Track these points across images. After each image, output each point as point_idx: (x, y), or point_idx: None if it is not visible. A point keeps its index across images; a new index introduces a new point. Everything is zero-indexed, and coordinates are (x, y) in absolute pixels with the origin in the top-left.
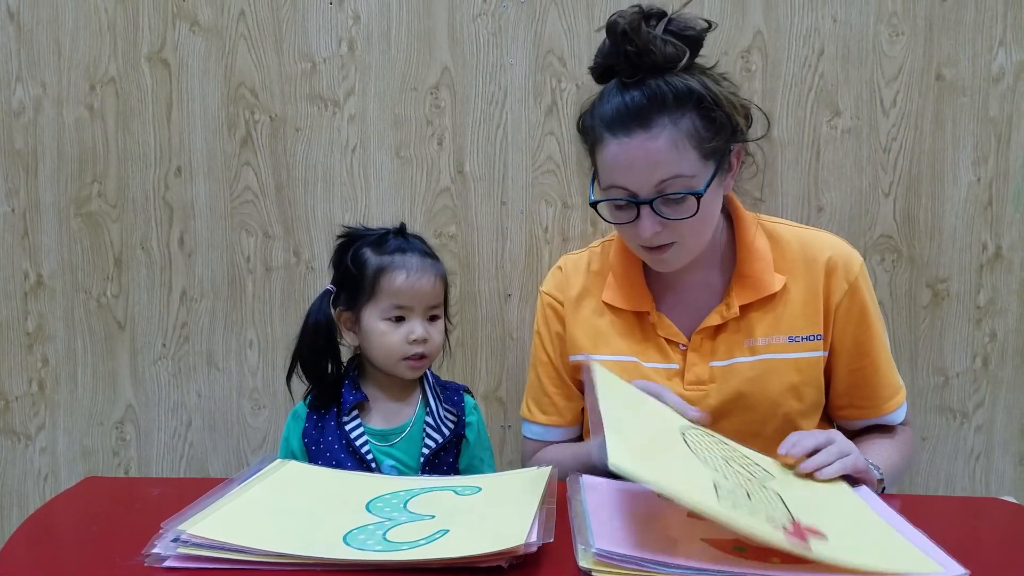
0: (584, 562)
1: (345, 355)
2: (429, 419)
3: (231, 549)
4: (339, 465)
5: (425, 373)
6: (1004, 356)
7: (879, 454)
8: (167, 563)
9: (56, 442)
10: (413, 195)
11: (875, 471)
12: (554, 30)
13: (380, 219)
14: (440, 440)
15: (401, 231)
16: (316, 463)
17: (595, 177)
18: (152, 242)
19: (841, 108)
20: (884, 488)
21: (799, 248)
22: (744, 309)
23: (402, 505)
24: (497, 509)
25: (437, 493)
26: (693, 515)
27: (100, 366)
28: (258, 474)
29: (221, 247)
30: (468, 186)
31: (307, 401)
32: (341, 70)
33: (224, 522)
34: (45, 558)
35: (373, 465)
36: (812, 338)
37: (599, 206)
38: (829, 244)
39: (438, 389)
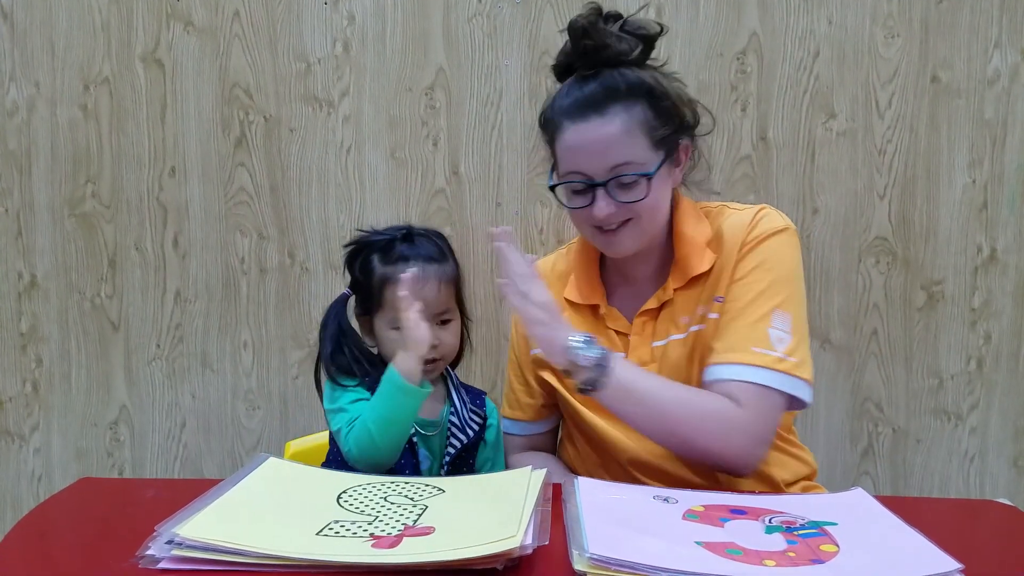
0: (579, 565)
1: None
2: (454, 419)
3: (226, 551)
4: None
5: (449, 373)
6: (998, 358)
7: (636, 370)
8: (161, 564)
9: (50, 443)
10: (408, 196)
11: (582, 350)
12: (549, 31)
13: (375, 220)
14: (465, 441)
15: (408, 235)
16: None
17: (554, 167)
18: (146, 243)
19: (836, 110)
20: (595, 382)
21: (735, 219)
22: (679, 291)
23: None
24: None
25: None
26: (688, 519)
27: (94, 367)
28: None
29: (215, 248)
30: (463, 187)
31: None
32: (336, 71)
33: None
34: (39, 560)
35: (418, 448)
36: (718, 299)
37: (557, 191)
38: (759, 209)
39: (462, 390)
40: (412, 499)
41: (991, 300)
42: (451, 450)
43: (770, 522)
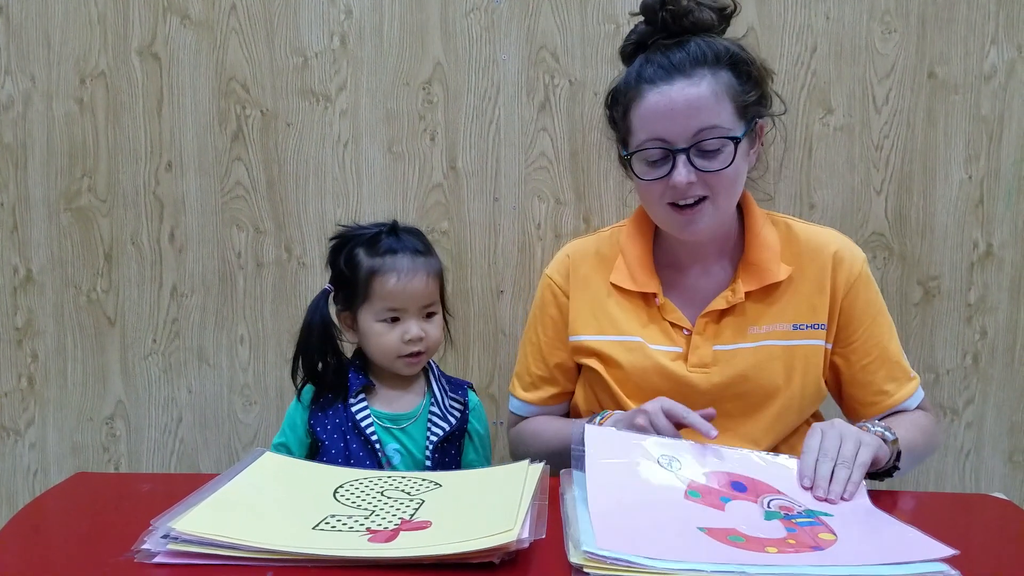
0: (575, 558)
1: (350, 347)
2: (435, 408)
3: (222, 545)
4: (346, 447)
5: (430, 364)
6: (994, 353)
7: (892, 423)
8: (157, 559)
9: (46, 438)
10: (405, 191)
11: (887, 433)
12: (547, 26)
13: (372, 215)
14: (447, 428)
15: (393, 229)
16: (323, 443)
17: (626, 144)
18: (142, 237)
19: (833, 105)
20: (899, 452)
21: (807, 241)
22: (749, 295)
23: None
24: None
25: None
26: (690, 497)
27: (90, 362)
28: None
29: (212, 243)
30: (460, 182)
31: (307, 393)
32: (333, 65)
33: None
34: (34, 554)
35: (378, 447)
36: (815, 327)
37: (633, 163)
38: (836, 238)
39: (443, 381)
40: (409, 493)
41: (987, 295)
42: (433, 438)
43: (768, 506)
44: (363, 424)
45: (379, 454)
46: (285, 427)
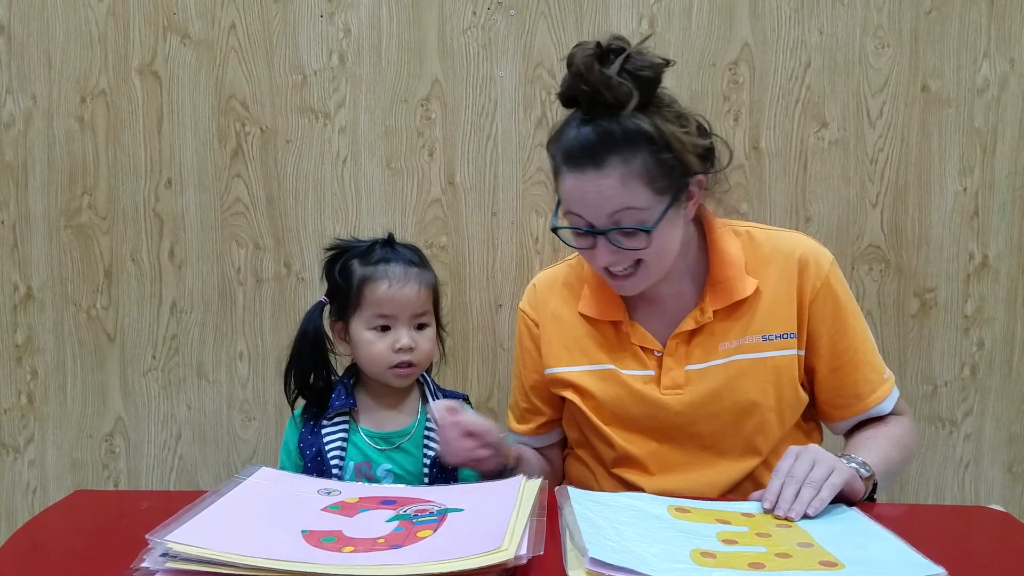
0: (574, 572)
1: (344, 363)
2: (432, 423)
3: (221, 563)
4: (315, 468)
5: (426, 380)
6: (992, 365)
7: (869, 449)
8: None
9: (45, 455)
10: (404, 206)
11: (862, 470)
12: (544, 43)
13: (371, 230)
14: None
15: (388, 241)
16: (308, 467)
17: (559, 201)
18: (142, 254)
19: (828, 120)
20: (875, 485)
21: (771, 248)
22: (718, 314)
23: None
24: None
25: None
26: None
27: (90, 378)
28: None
29: (211, 259)
30: (459, 197)
31: (300, 410)
32: (332, 82)
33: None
34: (34, 572)
35: (336, 472)
36: (786, 336)
37: (560, 231)
38: (800, 242)
39: (439, 395)
40: (403, 508)
41: (984, 307)
42: (431, 454)
43: (406, 512)
44: (328, 449)
45: (368, 478)
46: (281, 453)
